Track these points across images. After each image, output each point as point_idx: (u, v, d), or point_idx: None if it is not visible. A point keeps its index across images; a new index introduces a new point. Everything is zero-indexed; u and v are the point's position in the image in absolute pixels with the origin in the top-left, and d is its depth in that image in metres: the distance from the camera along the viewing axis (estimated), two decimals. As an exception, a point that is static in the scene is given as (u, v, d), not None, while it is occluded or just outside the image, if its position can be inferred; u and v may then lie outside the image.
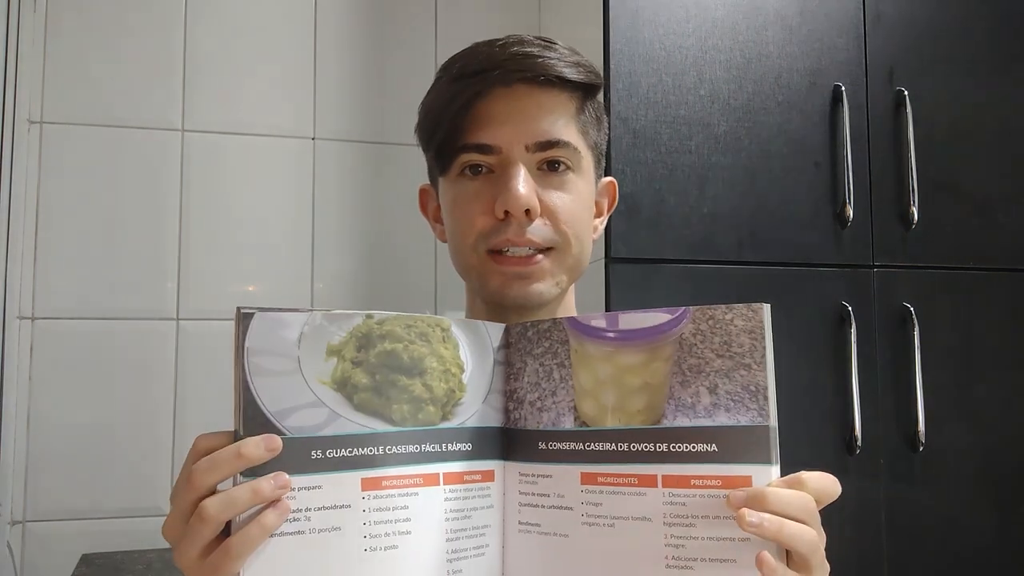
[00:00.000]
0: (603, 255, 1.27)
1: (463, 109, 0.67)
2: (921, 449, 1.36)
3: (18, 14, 1.46)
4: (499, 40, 0.69)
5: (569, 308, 0.76)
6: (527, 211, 0.66)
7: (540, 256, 0.68)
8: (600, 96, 0.74)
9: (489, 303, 0.71)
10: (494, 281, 0.68)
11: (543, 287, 0.68)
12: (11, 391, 1.44)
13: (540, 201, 0.67)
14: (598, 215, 0.78)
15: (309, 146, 1.65)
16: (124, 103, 1.56)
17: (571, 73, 0.68)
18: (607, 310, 1.26)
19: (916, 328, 1.37)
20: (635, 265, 1.28)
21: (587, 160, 0.72)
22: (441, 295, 1.68)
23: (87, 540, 1.45)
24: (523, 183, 0.65)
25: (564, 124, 0.68)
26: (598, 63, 1.31)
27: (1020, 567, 1.40)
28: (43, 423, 1.47)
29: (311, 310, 0.53)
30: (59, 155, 1.52)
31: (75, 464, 1.48)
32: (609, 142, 1.29)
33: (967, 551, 1.39)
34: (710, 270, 1.31)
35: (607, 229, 1.27)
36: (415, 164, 1.74)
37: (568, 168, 0.69)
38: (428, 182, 0.79)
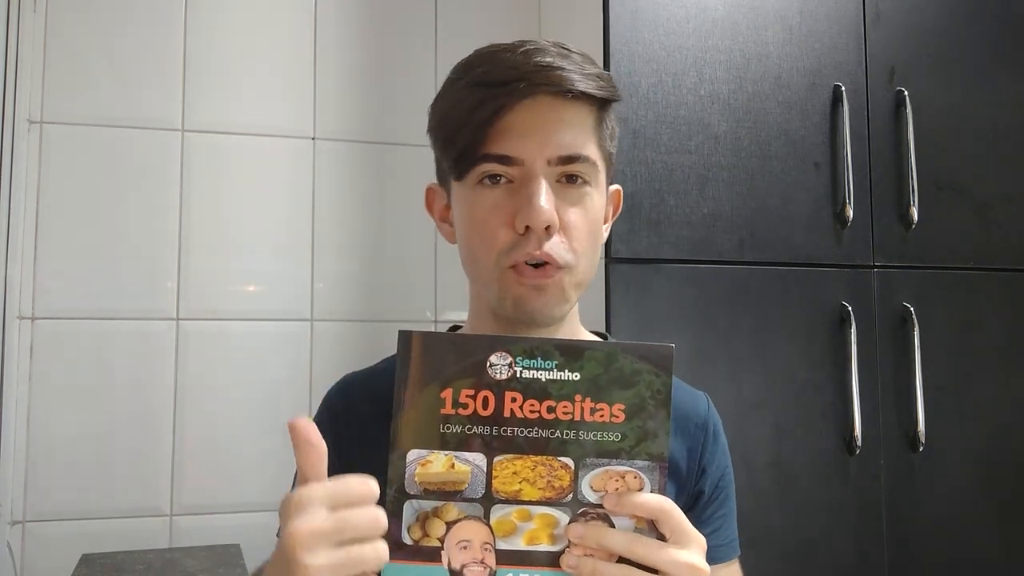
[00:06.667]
0: (603, 255, 1.27)
1: (488, 119, 0.67)
2: (921, 449, 1.36)
3: (18, 14, 1.46)
4: (519, 47, 0.68)
5: (574, 319, 0.77)
6: (547, 227, 0.66)
7: (554, 270, 0.68)
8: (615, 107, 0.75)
9: (499, 315, 0.71)
10: (514, 293, 0.69)
11: (555, 303, 0.69)
12: (11, 391, 1.44)
13: (558, 216, 0.67)
14: (603, 221, 0.78)
15: (309, 146, 1.65)
16: (124, 103, 1.55)
17: (593, 87, 0.68)
18: (607, 310, 1.26)
19: (916, 328, 1.37)
20: (635, 265, 1.28)
21: (603, 173, 0.72)
22: (441, 295, 1.68)
23: (87, 540, 1.45)
24: (545, 198, 0.66)
25: (585, 138, 0.69)
26: (598, 63, 1.30)
27: (1020, 567, 1.41)
28: (43, 423, 1.47)
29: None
30: (59, 155, 1.52)
31: (75, 464, 1.47)
32: (609, 142, 1.30)
33: (967, 551, 1.39)
34: (710, 270, 1.31)
35: (607, 229, 1.27)
36: (415, 164, 1.74)
37: (585, 182, 0.69)
38: (435, 181, 0.78)
